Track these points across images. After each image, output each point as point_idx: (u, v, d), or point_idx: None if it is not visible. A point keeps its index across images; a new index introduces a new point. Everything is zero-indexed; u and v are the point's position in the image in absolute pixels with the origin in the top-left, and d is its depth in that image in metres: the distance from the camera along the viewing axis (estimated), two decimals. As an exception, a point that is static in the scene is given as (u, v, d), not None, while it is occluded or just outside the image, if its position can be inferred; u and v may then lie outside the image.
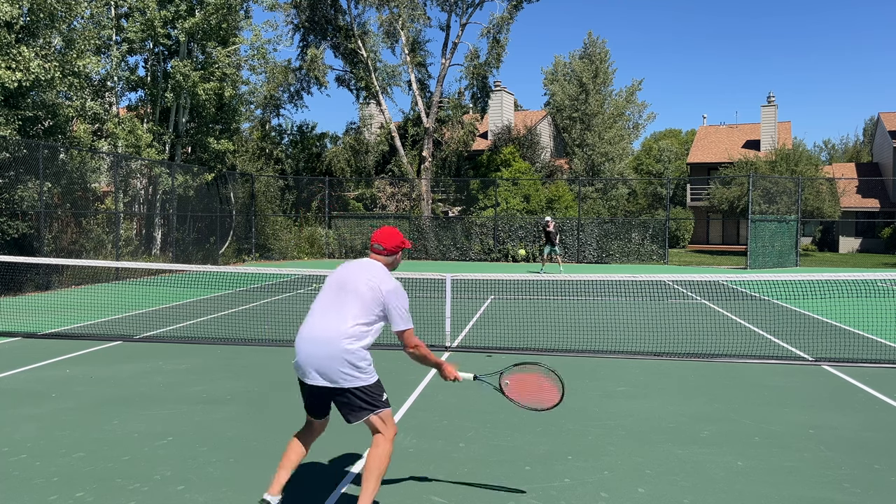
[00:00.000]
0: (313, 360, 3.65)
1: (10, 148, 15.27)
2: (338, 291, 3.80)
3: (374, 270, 3.85)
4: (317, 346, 3.65)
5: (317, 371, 3.65)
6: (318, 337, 3.67)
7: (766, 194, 28.71)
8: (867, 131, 69.45)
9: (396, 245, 4.00)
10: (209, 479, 4.52)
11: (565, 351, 8.81)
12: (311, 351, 3.67)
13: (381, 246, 3.97)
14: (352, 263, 3.96)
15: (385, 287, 3.79)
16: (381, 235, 4.01)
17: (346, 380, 3.64)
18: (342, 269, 3.92)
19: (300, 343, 3.73)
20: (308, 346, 3.68)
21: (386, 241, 3.98)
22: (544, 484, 4.47)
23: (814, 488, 4.42)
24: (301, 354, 3.71)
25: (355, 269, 3.88)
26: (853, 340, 9.74)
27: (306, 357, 3.68)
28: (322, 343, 3.64)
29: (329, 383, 3.65)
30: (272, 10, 31.38)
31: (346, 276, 3.84)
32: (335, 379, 3.64)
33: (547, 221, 21.46)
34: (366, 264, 3.91)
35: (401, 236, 4.05)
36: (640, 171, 49.27)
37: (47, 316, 11.59)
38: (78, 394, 6.63)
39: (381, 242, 3.98)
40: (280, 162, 36.32)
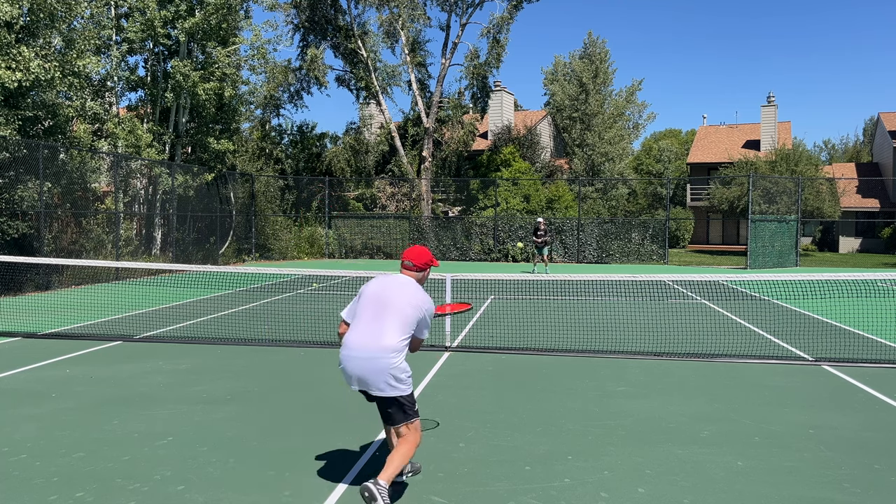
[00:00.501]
0: (360, 371, 4.01)
1: (10, 148, 15.27)
2: (381, 307, 4.09)
3: (414, 289, 4.18)
4: (365, 361, 3.99)
5: (363, 381, 4.02)
6: (366, 352, 4.00)
7: (766, 194, 28.71)
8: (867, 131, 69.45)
9: (426, 262, 4.36)
10: (209, 479, 4.52)
11: (565, 351, 8.81)
12: (359, 364, 4.01)
13: (412, 263, 4.32)
14: (390, 279, 4.24)
15: (426, 306, 4.16)
16: (413, 254, 4.35)
17: (387, 390, 4.02)
18: (381, 285, 4.20)
19: (349, 356, 4.05)
20: (356, 361, 4.02)
21: (416, 259, 4.33)
22: (544, 484, 4.47)
23: (814, 488, 4.42)
24: (349, 366, 4.05)
25: (396, 286, 4.17)
26: (853, 340, 9.74)
27: (354, 369, 4.03)
28: (369, 358, 3.98)
29: (374, 392, 4.04)
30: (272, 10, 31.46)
31: (389, 294, 4.13)
32: (381, 388, 4.01)
33: (539, 222, 21.51)
34: (405, 282, 4.22)
35: (430, 254, 4.42)
36: (640, 171, 49.27)
37: (47, 316, 11.59)
38: (78, 394, 6.63)
39: (412, 260, 4.32)
40: (280, 162, 36.32)
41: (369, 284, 4.27)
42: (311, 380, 7.32)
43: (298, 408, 6.22)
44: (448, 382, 7.20)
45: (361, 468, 4.72)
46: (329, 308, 12.63)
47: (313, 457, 4.94)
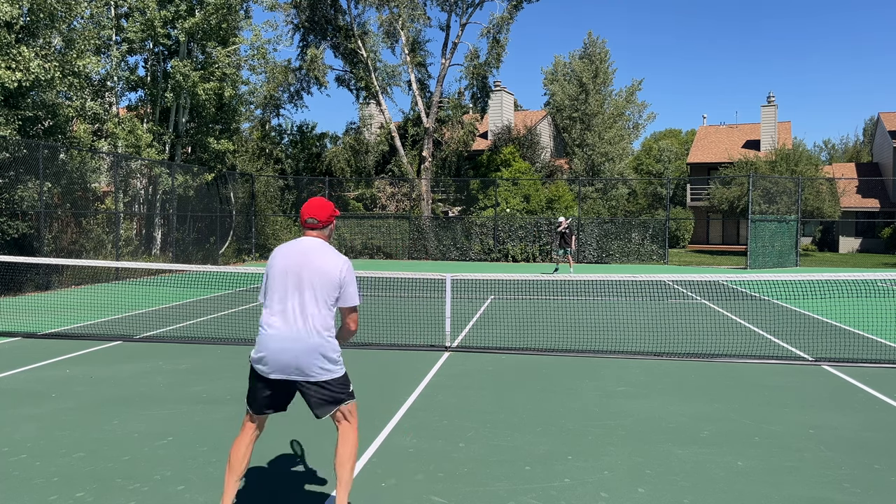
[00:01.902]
0: (286, 355, 3.58)
1: (10, 148, 15.26)
2: (294, 282, 3.64)
3: (325, 252, 3.71)
4: (289, 342, 3.58)
5: (290, 366, 3.59)
6: (290, 332, 3.59)
7: (766, 194, 28.71)
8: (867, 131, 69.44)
9: (330, 215, 3.82)
10: (209, 479, 4.52)
11: (565, 351, 8.81)
12: (283, 346, 3.58)
13: (315, 220, 3.78)
14: (293, 248, 3.74)
15: (342, 268, 3.70)
16: (313, 208, 3.80)
17: (320, 373, 3.62)
18: (287, 258, 3.70)
19: (269, 340, 3.61)
20: (279, 343, 3.59)
21: (319, 214, 3.79)
22: (544, 484, 4.47)
23: (814, 488, 4.42)
24: (270, 350, 3.60)
25: (303, 255, 3.69)
26: (853, 340, 9.74)
27: (278, 352, 3.59)
28: (295, 338, 3.58)
29: (302, 377, 3.62)
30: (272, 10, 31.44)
31: (299, 264, 3.66)
32: (310, 373, 3.61)
33: (560, 222, 21.36)
34: (312, 247, 3.73)
35: (331, 205, 3.89)
36: (640, 171, 49.26)
37: (47, 316, 11.59)
38: (78, 394, 6.63)
39: (315, 216, 3.78)
40: (280, 162, 36.32)
41: (274, 258, 3.75)
42: (311, 380, 7.31)
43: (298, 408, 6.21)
44: (448, 382, 7.20)
45: (361, 468, 4.72)
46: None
47: (313, 457, 4.94)
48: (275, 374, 3.64)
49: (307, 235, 3.82)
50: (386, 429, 5.57)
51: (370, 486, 4.40)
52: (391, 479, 4.52)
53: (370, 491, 4.33)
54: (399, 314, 11.94)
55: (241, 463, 3.70)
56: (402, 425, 5.69)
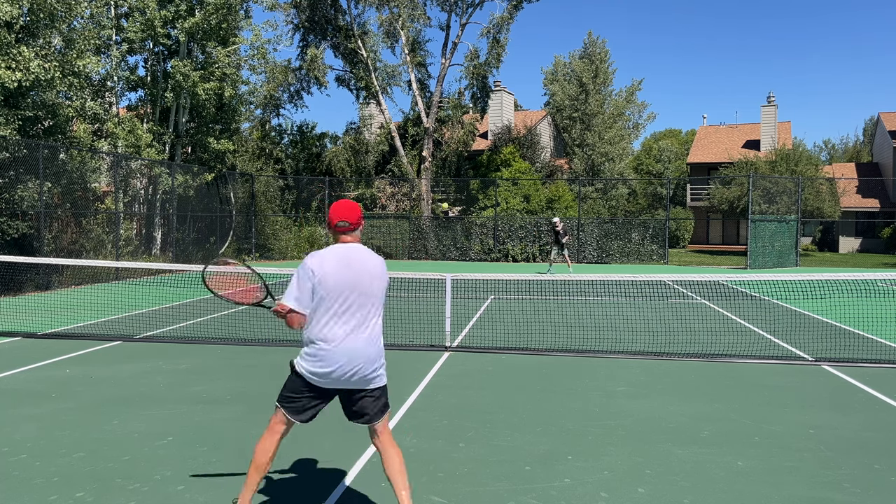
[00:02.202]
0: (353, 367, 3.57)
1: (10, 148, 15.26)
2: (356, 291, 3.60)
3: (372, 257, 3.73)
4: (357, 354, 3.57)
5: (355, 377, 3.58)
6: (358, 344, 3.58)
7: (766, 194, 28.71)
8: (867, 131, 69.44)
9: (360, 216, 3.79)
10: (209, 479, 4.52)
11: (565, 351, 8.81)
12: (351, 359, 3.56)
13: (347, 222, 3.71)
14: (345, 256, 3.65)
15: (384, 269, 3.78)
16: (345, 210, 3.72)
17: (378, 380, 3.68)
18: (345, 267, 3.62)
19: (336, 354, 3.55)
20: (347, 356, 3.55)
21: (351, 216, 3.73)
22: (544, 484, 4.47)
23: (814, 488, 4.42)
24: (338, 365, 3.55)
25: (358, 263, 3.65)
26: (853, 340, 9.74)
27: (346, 366, 3.55)
28: (363, 349, 3.59)
29: (364, 386, 3.64)
30: (272, 10, 31.44)
31: (357, 273, 3.63)
32: (372, 381, 3.64)
33: (555, 222, 21.41)
34: (360, 253, 3.70)
35: (359, 206, 3.84)
36: (640, 171, 49.26)
37: (47, 316, 11.59)
38: (78, 394, 6.63)
39: (346, 218, 3.71)
40: (280, 162, 36.32)
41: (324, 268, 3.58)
42: (311, 380, 7.31)
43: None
44: (448, 382, 7.20)
45: (362, 468, 4.72)
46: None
47: (313, 457, 4.94)
48: (334, 385, 3.62)
49: (343, 241, 3.74)
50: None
51: (370, 487, 4.40)
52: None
53: (370, 491, 4.33)
54: (399, 314, 11.94)
55: (269, 463, 3.70)
56: (403, 425, 5.69)
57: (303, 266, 3.63)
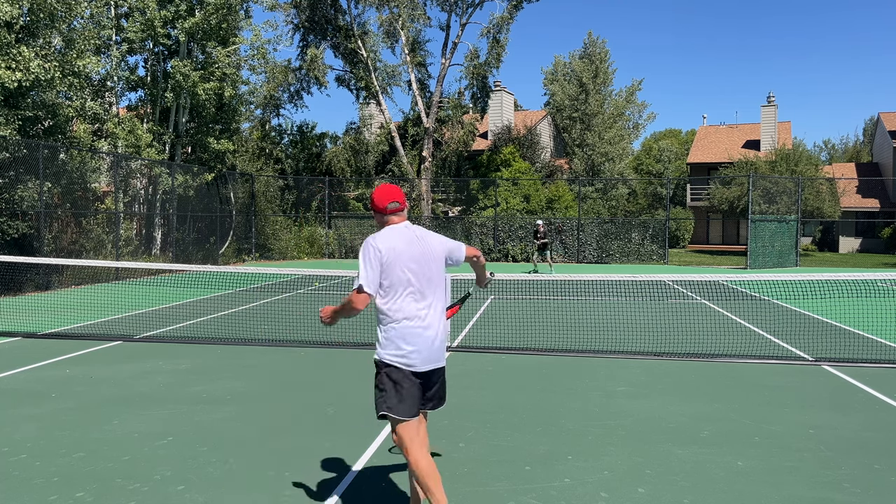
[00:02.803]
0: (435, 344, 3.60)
1: (10, 148, 15.26)
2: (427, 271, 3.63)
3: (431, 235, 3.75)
4: (435, 331, 3.61)
5: (437, 354, 3.63)
6: (434, 321, 3.61)
7: (766, 194, 28.71)
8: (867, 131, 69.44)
9: (405, 196, 3.83)
10: (209, 479, 4.52)
11: (565, 351, 8.81)
12: (432, 336, 3.59)
13: (398, 204, 3.70)
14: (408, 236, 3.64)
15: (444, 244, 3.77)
16: (394, 193, 3.71)
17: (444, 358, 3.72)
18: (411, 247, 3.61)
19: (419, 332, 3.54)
20: (429, 332, 3.57)
21: (400, 196, 3.73)
22: (544, 484, 4.47)
23: (814, 488, 4.42)
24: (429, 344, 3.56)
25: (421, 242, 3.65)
26: (853, 340, 9.74)
27: (435, 343, 3.60)
28: (438, 326, 3.63)
29: (441, 364, 3.68)
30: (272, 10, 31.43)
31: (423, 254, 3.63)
32: (443, 357, 3.70)
33: (538, 225, 21.54)
34: (422, 233, 3.72)
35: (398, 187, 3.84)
36: (640, 171, 49.26)
37: (47, 316, 11.59)
38: (78, 394, 6.63)
39: (399, 200, 3.70)
40: (280, 162, 36.32)
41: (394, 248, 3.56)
42: (311, 380, 7.32)
43: (298, 408, 6.22)
44: (448, 382, 7.19)
45: (362, 468, 4.72)
46: (329, 308, 12.62)
47: (313, 457, 4.94)
48: (426, 366, 3.58)
49: (395, 222, 3.70)
50: (386, 429, 5.57)
51: (370, 486, 4.40)
52: (391, 480, 4.51)
53: (370, 491, 4.33)
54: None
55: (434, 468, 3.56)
56: (402, 425, 5.68)
57: (368, 248, 3.57)
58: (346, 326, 10.38)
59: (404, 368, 3.54)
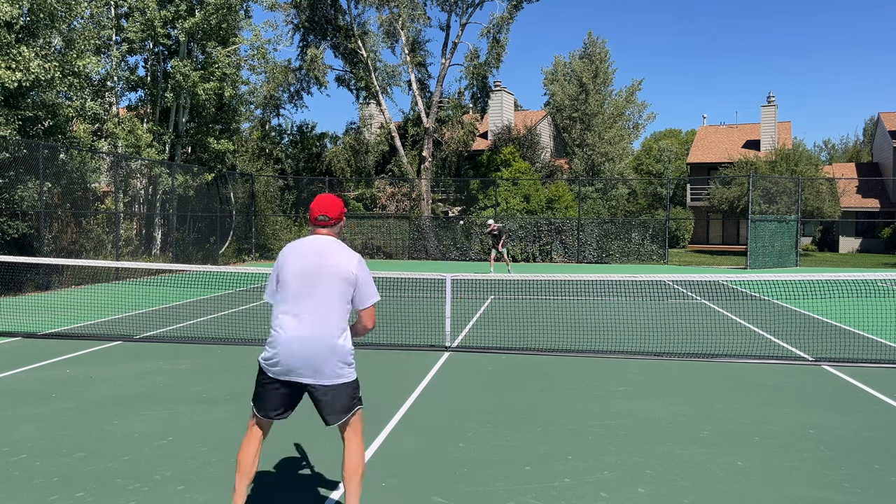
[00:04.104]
0: (301, 356, 3.52)
1: (10, 148, 15.26)
2: (310, 282, 3.58)
3: (339, 251, 3.66)
4: (306, 343, 3.52)
5: (305, 368, 3.53)
6: (307, 333, 3.53)
7: (766, 194, 28.71)
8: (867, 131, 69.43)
9: (341, 212, 3.76)
10: (209, 479, 4.52)
11: (565, 351, 8.81)
12: (299, 348, 3.52)
13: (326, 216, 3.71)
14: (307, 247, 3.66)
15: (355, 267, 3.64)
16: (325, 205, 3.72)
17: (335, 377, 3.57)
18: (302, 257, 3.63)
19: (284, 341, 3.54)
20: (295, 344, 3.52)
21: (331, 210, 3.71)
22: (544, 484, 4.47)
23: (814, 488, 4.42)
24: (285, 352, 3.53)
25: (318, 254, 3.63)
26: (853, 340, 9.74)
27: (293, 354, 3.52)
28: (311, 339, 3.52)
29: (317, 381, 3.56)
30: (272, 10, 31.46)
31: (315, 265, 3.60)
32: (325, 376, 3.55)
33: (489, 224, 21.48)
34: (326, 245, 3.66)
35: (341, 202, 3.82)
36: (640, 171, 49.26)
37: (47, 316, 11.59)
38: (78, 394, 6.63)
39: (326, 213, 3.70)
40: (280, 162, 36.33)
41: (287, 257, 3.66)
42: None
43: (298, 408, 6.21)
44: (448, 382, 7.20)
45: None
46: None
47: (313, 457, 4.94)
48: (287, 377, 3.57)
49: (318, 234, 3.74)
50: (386, 429, 5.57)
51: (370, 487, 4.40)
52: (391, 479, 4.52)
53: (370, 491, 4.33)
54: (399, 314, 11.94)
55: (251, 466, 3.67)
56: (402, 425, 5.69)
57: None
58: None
59: (267, 373, 3.62)
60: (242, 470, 3.65)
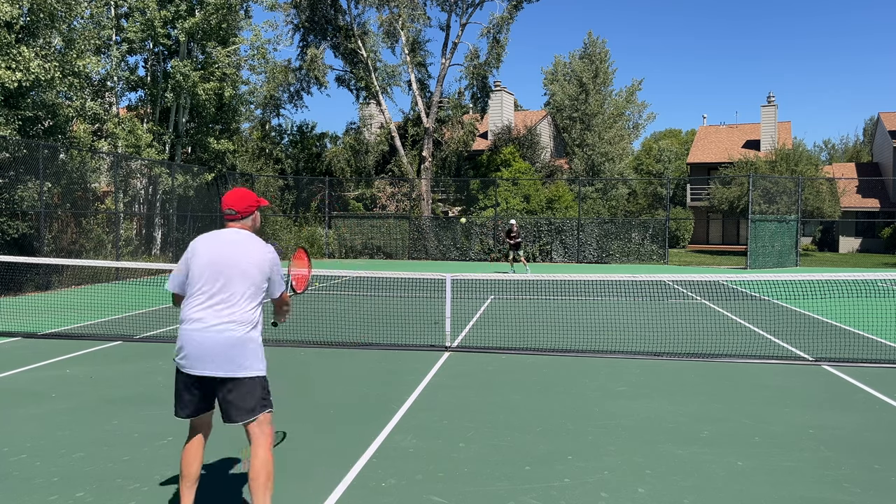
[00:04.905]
0: (207, 348, 3.47)
1: (10, 148, 15.27)
2: (218, 274, 3.55)
3: (249, 243, 3.66)
4: (211, 334, 3.48)
5: (211, 360, 3.47)
6: (213, 324, 3.50)
7: (766, 194, 28.71)
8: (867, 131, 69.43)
9: (248, 205, 3.74)
10: (209, 479, 4.51)
11: (565, 351, 8.81)
12: (205, 338, 3.47)
13: (233, 210, 3.71)
14: (216, 239, 3.66)
15: (268, 259, 3.67)
16: (231, 199, 3.73)
17: (239, 370, 3.50)
18: (211, 249, 3.61)
19: (192, 333, 3.50)
20: (201, 335, 3.48)
21: (237, 204, 3.71)
22: (544, 484, 4.47)
23: (814, 488, 4.42)
24: (193, 345, 3.49)
25: (227, 247, 3.62)
26: (853, 340, 9.74)
27: (199, 346, 3.47)
28: (217, 331, 3.48)
29: (221, 373, 3.48)
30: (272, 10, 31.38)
31: (223, 257, 3.58)
32: (229, 368, 3.48)
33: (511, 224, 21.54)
34: (237, 239, 3.66)
35: (253, 195, 3.81)
36: (640, 171, 49.27)
37: (47, 316, 11.58)
38: (78, 394, 6.63)
39: (232, 206, 3.71)
40: (280, 162, 36.34)
41: (196, 249, 3.64)
42: (311, 380, 7.32)
43: (298, 408, 6.22)
44: (448, 382, 7.20)
45: (362, 468, 4.72)
46: (329, 308, 12.62)
47: (313, 457, 4.94)
48: (196, 371, 3.50)
49: (229, 227, 3.75)
50: (386, 429, 5.57)
51: (370, 486, 4.40)
52: (391, 479, 4.52)
53: (370, 491, 4.33)
54: (399, 314, 11.94)
55: (190, 467, 3.65)
56: (402, 425, 5.69)
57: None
58: (346, 326, 10.39)
59: (180, 367, 3.59)
60: (182, 473, 3.67)
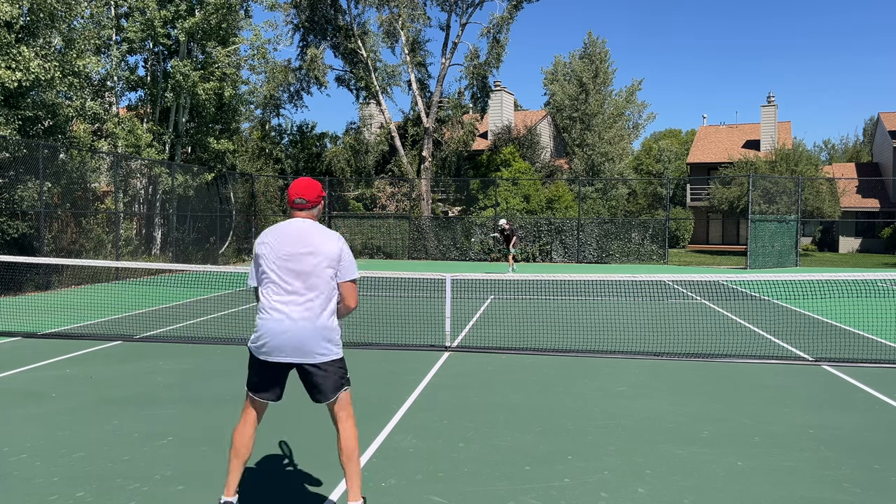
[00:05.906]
0: (289, 338, 3.61)
1: (10, 148, 15.26)
2: (293, 264, 3.66)
3: (320, 232, 3.74)
4: (293, 324, 3.62)
5: (294, 349, 3.63)
6: (294, 315, 3.62)
7: (766, 194, 28.71)
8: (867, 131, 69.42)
9: (318, 195, 3.85)
10: (209, 479, 4.51)
11: (565, 351, 8.81)
12: (286, 328, 3.61)
13: (304, 199, 3.79)
14: (287, 230, 3.74)
15: (338, 245, 3.73)
16: (301, 188, 3.81)
17: (323, 355, 3.68)
18: (283, 240, 3.71)
19: (271, 324, 3.64)
20: (282, 326, 3.62)
21: (308, 193, 3.81)
22: (544, 484, 4.47)
23: (814, 488, 4.42)
24: (273, 335, 3.63)
25: (298, 236, 3.70)
26: (853, 340, 9.74)
27: (281, 336, 3.62)
28: (299, 320, 3.62)
29: (305, 360, 3.66)
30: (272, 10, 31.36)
31: (296, 246, 3.68)
32: (314, 355, 3.65)
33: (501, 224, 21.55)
34: (306, 228, 3.74)
35: (319, 184, 3.92)
36: (640, 171, 49.26)
37: (47, 316, 11.58)
38: (78, 394, 6.63)
39: (304, 196, 3.80)
40: (280, 162, 36.33)
41: (266, 241, 3.74)
42: (311, 380, 7.31)
43: (298, 407, 6.22)
44: (448, 382, 7.20)
45: (362, 468, 4.71)
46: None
47: (314, 456, 4.94)
48: (276, 358, 3.67)
49: (296, 217, 3.82)
50: (386, 429, 5.57)
51: (370, 486, 4.40)
52: (391, 479, 4.52)
53: (370, 491, 4.33)
54: (399, 314, 11.94)
55: (246, 447, 3.77)
56: (402, 425, 5.69)
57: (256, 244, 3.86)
58: (345, 326, 10.38)
59: (256, 356, 3.73)
60: (237, 451, 3.75)
